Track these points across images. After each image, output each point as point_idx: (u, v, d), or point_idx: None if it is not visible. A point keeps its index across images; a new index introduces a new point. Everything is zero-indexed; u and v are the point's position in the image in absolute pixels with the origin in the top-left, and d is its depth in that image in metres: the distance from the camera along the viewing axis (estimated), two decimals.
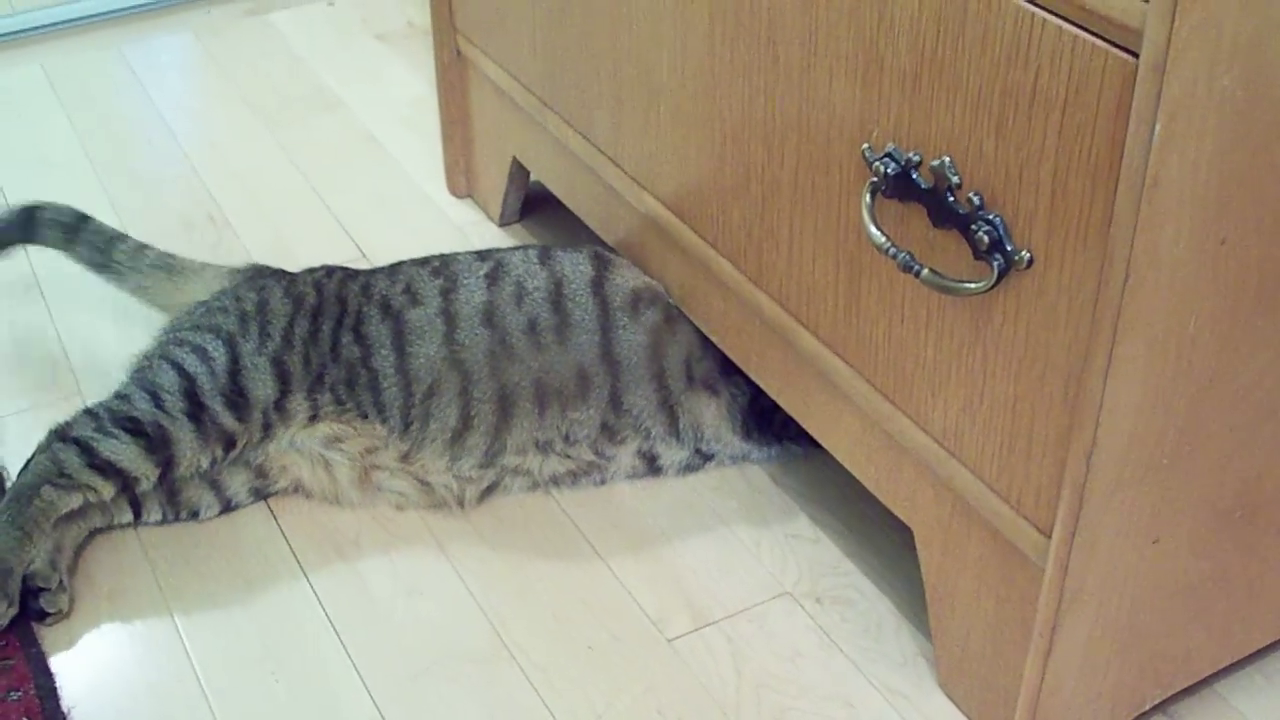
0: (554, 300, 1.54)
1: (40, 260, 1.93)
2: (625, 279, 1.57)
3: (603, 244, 1.66)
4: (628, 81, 1.51)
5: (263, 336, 1.52)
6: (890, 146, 1.16)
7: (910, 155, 1.14)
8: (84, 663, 1.38)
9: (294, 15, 2.59)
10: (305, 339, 1.53)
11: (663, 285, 1.57)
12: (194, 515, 1.52)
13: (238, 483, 1.53)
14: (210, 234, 1.99)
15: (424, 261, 1.62)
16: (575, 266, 1.57)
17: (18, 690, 1.33)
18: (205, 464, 1.49)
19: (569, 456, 1.54)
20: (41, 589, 1.40)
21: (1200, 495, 1.16)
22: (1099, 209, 0.99)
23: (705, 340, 1.54)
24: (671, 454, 1.57)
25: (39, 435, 1.62)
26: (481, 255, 1.62)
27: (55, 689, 1.35)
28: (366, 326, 1.54)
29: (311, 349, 1.52)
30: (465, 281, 1.57)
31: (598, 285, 1.56)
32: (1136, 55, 0.92)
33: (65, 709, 1.33)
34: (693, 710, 1.34)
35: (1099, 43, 0.95)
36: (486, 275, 1.57)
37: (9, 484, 1.48)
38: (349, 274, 1.62)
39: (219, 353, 1.51)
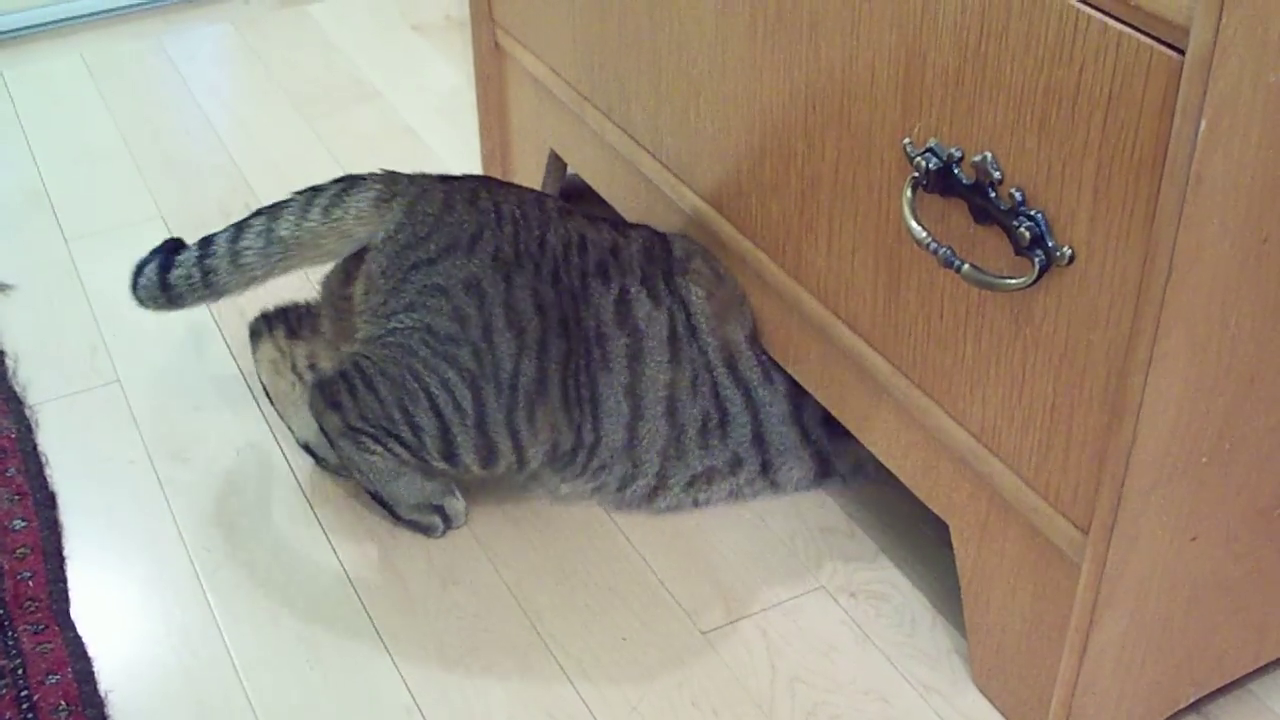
0: (714, 389, 1.52)
1: (78, 248, 1.94)
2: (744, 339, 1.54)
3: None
4: (667, 74, 1.52)
5: (499, 389, 1.44)
6: (932, 142, 1.16)
7: (952, 150, 1.14)
8: (121, 648, 1.39)
9: (331, 6, 2.60)
10: (532, 385, 1.45)
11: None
12: None
13: None
14: None
15: (614, 260, 1.52)
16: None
17: (56, 674, 1.34)
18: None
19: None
20: None
21: (1239, 493, 1.16)
22: (1142, 206, 0.99)
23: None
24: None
25: (78, 422, 1.64)
26: (645, 278, 1.52)
27: (93, 673, 1.36)
28: (595, 369, 1.48)
29: (539, 396, 1.46)
30: (655, 319, 1.50)
31: (733, 365, 1.52)
32: (1182, 52, 0.92)
33: (103, 693, 1.34)
34: (727, 703, 1.34)
35: (1144, 39, 0.95)
36: (667, 311, 1.51)
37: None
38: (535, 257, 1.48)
39: (465, 398, 1.44)
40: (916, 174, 1.17)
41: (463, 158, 2.13)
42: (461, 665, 1.38)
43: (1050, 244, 1.07)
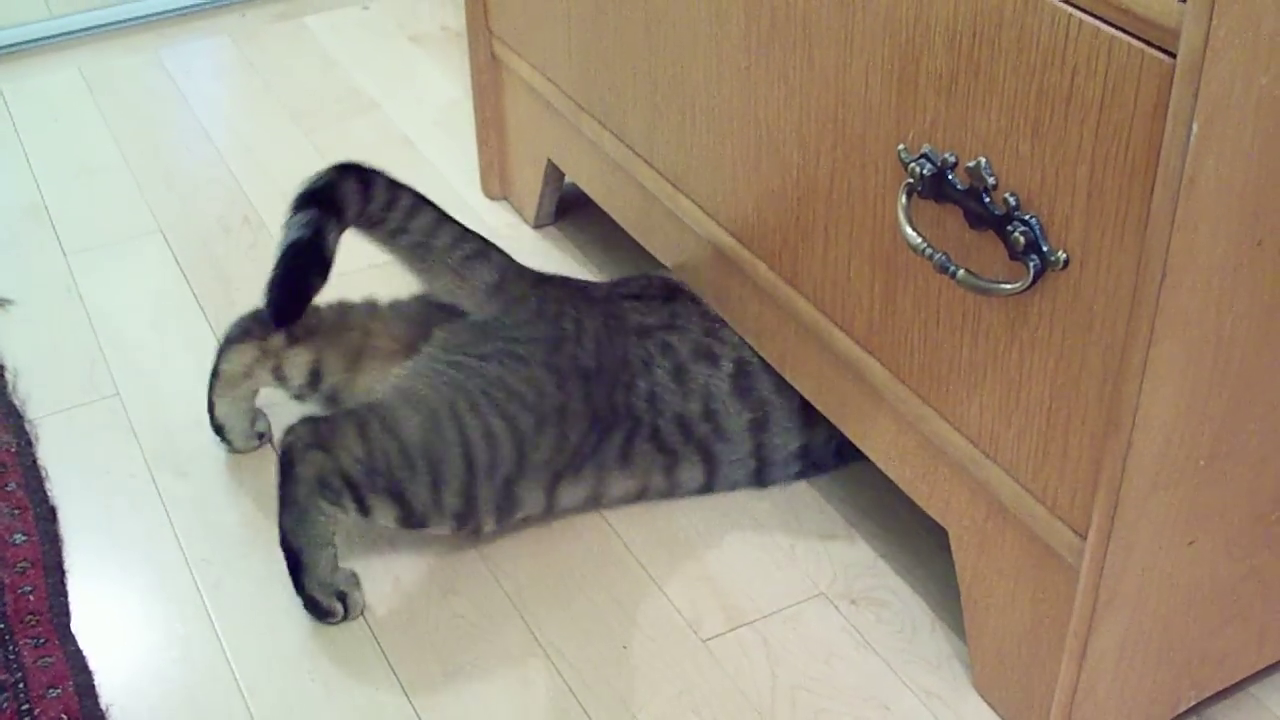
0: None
1: (77, 263, 1.94)
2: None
3: (636, 247, 1.67)
4: (662, 83, 1.52)
5: (556, 450, 1.46)
6: (926, 148, 1.16)
7: (946, 156, 1.14)
8: (122, 661, 1.39)
9: (329, 19, 2.61)
10: (590, 451, 1.49)
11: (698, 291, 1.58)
12: None
13: None
14: (246, 236, 2.00)
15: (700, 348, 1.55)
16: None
17: (57, 687, 1.34)
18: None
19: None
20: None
21: (1237, 497, 1.16)
22: (1135, 209, 0.99)
23: None
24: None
25: (77, 436, 1.64)
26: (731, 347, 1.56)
27: (94, 686, 1.36)
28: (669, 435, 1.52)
29: (592, 459, 1.49)
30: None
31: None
32: (1173, 55, 0.92)
33: (104, 706, 1.34)
34: (728, 711, 1.34)
35: (1136, 43, 0.95)
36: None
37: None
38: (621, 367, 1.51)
39: (506, 454, 1.44)
40: (911, 180, 1.17)
41: (460, 169, 2.14)
42: (462, 675, 1.38)
43: (1045, 249, 1.07)
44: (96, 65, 2.45)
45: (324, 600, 1.42)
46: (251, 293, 1.87)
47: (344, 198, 1.50)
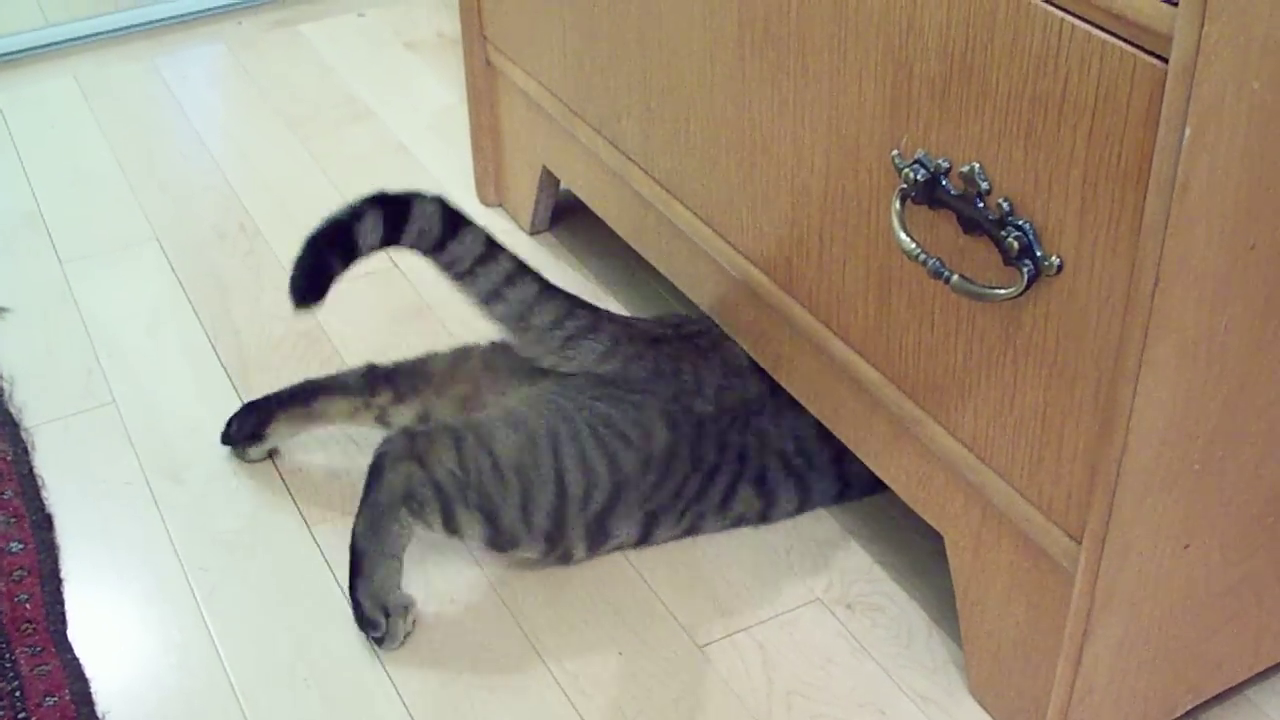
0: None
1: (73, 270, 1.94)
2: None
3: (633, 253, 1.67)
4: (657, 90, 1.52)
5: (655, 489, 1.47)
6: (919, 153, 1.16)
7: (939, 162, 1.14)
8: (119, 669, 1.39)
9: (325, 26, 2.61)
10: (693, 496, 1.50)
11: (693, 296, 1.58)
12: None
13: None
14: (242, 243, 2.00)
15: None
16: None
17: (54, 696, 1.34)
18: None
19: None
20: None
21: (1232, 501, 1.16)
22: (1128, 214, 0.99)
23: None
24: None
25: (73, 444, 1.63)
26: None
27: (90, 694, 1.36)
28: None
29: (694, 505, 1.51)
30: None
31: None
32: (1166, 60, 0.92)
33: (100, 714, 1.34)
34: (724, 717, 1.34)
35: (1128, 48, 0.95)
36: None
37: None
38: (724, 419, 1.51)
39: (602, 488, 1.44)
40: (905, 185, 1.17)
41: (456, 176, 2.14)
42: (459, 683, 1.38)
43: (1038, 254, 1.07)
44: (93, 73, 2.45)
45: (369, 610, 1.40)
46: (247, 299, 1.88)
47: (411, 212, 1.42)
